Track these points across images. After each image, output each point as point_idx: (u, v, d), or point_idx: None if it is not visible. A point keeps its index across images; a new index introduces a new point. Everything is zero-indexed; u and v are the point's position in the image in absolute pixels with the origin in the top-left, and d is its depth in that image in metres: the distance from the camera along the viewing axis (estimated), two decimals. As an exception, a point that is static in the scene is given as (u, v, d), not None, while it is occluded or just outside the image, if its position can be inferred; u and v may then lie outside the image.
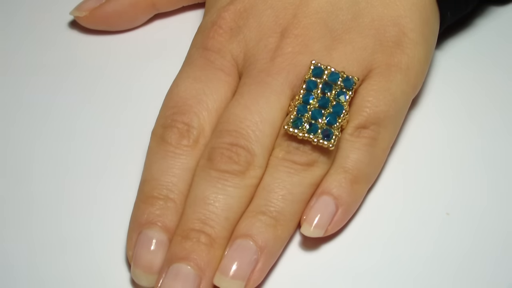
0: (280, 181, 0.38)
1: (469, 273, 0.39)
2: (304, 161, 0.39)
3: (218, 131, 0.39)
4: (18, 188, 0.41)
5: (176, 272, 0.36)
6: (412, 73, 0.41)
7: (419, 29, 0.42)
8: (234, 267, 0.37)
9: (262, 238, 0.37)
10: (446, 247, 0.39)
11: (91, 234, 0.39)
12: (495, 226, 0.40)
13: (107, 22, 0.47)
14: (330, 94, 0.40)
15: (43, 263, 0.38)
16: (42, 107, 0.44)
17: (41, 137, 0.43)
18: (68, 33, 0.47)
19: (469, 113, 0.44)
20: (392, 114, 0.41)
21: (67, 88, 0.45)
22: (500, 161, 0.43)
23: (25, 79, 0.45)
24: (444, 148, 0.43)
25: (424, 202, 0.41)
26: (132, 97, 0.45)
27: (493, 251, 0.39)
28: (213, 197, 0.38)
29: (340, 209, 0.39)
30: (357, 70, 0.41)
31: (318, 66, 0.40)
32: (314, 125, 0.39)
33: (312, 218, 0.38)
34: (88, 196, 0.41)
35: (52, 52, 0.47)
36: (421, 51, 0.42)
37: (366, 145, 0.40)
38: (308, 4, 0.42)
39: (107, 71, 0.46)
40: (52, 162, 0.42)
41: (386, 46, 0.41)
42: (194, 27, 0.44)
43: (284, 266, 0.39)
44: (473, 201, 0.41)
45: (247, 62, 0.41)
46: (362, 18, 0.42)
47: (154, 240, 0.37)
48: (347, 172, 0.39)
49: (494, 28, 0.48)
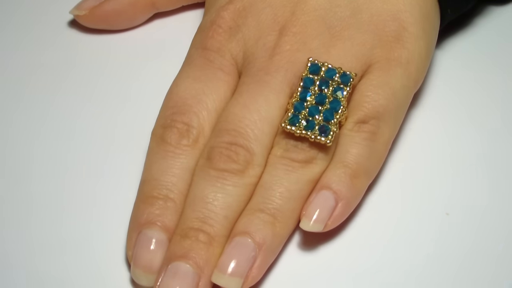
0: (278, 179, 0.38)
1: (469, 273, 0.39)
2: (302, 158, 0.39)
3: (217, 130, 0.39)
4: (18, 188, 0.41)
5: (175, 271, 0.36)
6: (412, 67, 0.41)
7: (420, 23, 0.42)
8: (232, 265, 0.37)
9: (260, 235, 0.37)
10: (446, 247, 0.39)
11: (91, 234, 0.40)
12: (495, 226, 0.40)
13: (106, 21, 0.47)
14: (327, 90, 0.40)
15: (43, 263, 0.39)
16: (41, 106, 0.44)
17: (40, 137, 0.43)
18: (67, 33, 0.48)
19: (469, 113, 0.44)
20: (392, 108, 0.40)
21: (66, 88, 0.45)
22: (500, 161, 0.42)
23: (24, 79, 0.46)
24: (444, 147, 0.43)
25: (424, 202, 0.41)
26: (132, 97, 0.45)
27: (493, 251, 0.39)
28: (212, 196, 0.38)
29: (340, 203, 0.38)
30: (355, 66, 0.40)
31: (315, 63, 0.40)
32: (311, 122, 0.39)
33: (312, 212, 0.38)
34: (88, 196, 0.41)
35: (52, 52, 0.47)
36: (422, 45, 0.42)
37: (366, 140, 0.40)
38: (306, 1, 0.42)
39: (107, 71, 0.46)
40: (51, 162, 0.42)
41: (385, 41, 0.41)
42: (194, 27, 0.44)
43: (283, 266, 0.39)
44: (473, 201, 0.41)
45: (246, 61, 0.41)
46: (360, 14, 0.41)
47: (154, 240, 0.38)
48: (347, 167, 0.39)
49: (494, 28, 0.48)
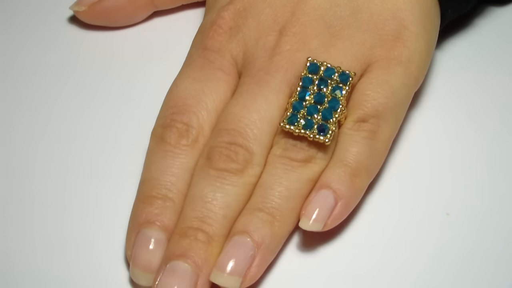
0: (277, 178, 0.38)
1: (469, 273, 0.38)
2: (301, 158, 0.39)
3: (217, 130, 0.39)
4: (20, 188, 0.41)
5: (173, 269, 0.37)
6: (413, 65, 0.41)
7: (420, 22, 0.42)
8: (231, 264, 0.37)
9: (259, 234, 0.37)
10: (446, 247, 0.39)
11: (91, 234, 0.40)
12: (495, 226, 0.40)
13: (106, 17, 0.47)
14: (326, 89, 0.40)
15: (44, 263, 0.39)
16: (42, 107, 0.44)
17: (41, 137, 0.43)
18: (67, 32, 0.48)
19: (469, 114, 0.44)
20: (392, 106, 0.40)
21: (66, 88, 0.45)
22: (500, 161, 0.42)
23: (25, 79, 0.46)
24: (444, 148, 0.43)
25: (424, 202, 0.41)
26: (132, 97, 0.45)
27: (493, 251, 0.39)
28: (211, 195, 0.38)
29: (340, 202, 0.38)
30: (355, 65, 0.41)
31: (314, 63, 0.40)
32: (310, 121, 0.39)
33: (311, 211, 0.38)
34: (88, 196, 0.41)
35: (53, 52, 0.47)
36: (422, 43, 0.42)
37: (365, 138, 0.39)
38: (306, 1, 0.42)
39: (107, 71, 0.46)
40: (53, 162, 0.42)
41: (385, 40, 0.41)
42: (195, 27, 0.44)
43: (282, 266, 0.39)
44: (473, 201, 0.41)
45: (246, 61, 0.41)
46: (360, 13, 0.41)
47: (153, 240, 0.38)
48: (347, 166, 0.39)
49: (494, 28, 0.48)
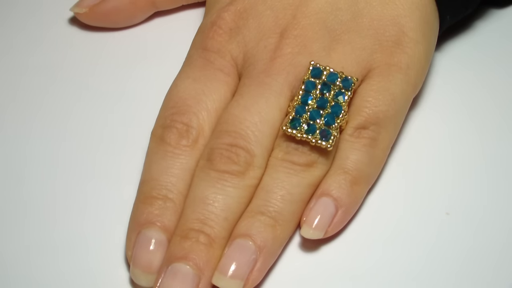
0: (279, 182, 0.38)
1: (469, 273, 0.39)
2: (303, 162, 0.39)
3: (218, 131, 0.39)
4: (16, 189, 0.41)
5: (175, 272, 0.36)
6: (412, 72, 0.41)
7: (419, 28, 0.42)
8: (233, 267, 0.37)
9: (261, 238, 0.37)
10: (446, 247, 0.39)
11: (92, 235, 0.39)
12: (495, 226, 0.40)
13: (106, 19, 0.47)
14: (328, 94, 0.40)
15: (43, 263, 0.38)
16: (39, 106, 0.44)
17: (38, 137, 0.43)
18: (67, 32, 0.48)
19: (469, 114, 0.44)
20: (392, 114, 0.40)
21: (65, 87, 0.45)
22: (500, 161, 0.42)
23: (22, 78, 0.45)
24: (444, 148, 0.43)
25: (424, 202, 0.41)
26: (133, 97, 0.45)
27: (493, 251, 0.39)
28: (212, 197, 0.38)
29: (340, 210, 0.39)
30: (356, 71, 0.41)
31: (317, 67, 0.40)
32: (312, 126, 0.39)
33: (312, 219, 0.38)
34: (87, 197, 0.41)
35: (51, 51, 0.47)
36: (422, 50, 0.42)
37: (366, 146, 0.40)
38: (307, 4, 0.42)
39: (107, 71, 0.46)
40: (50, 163, 0.42)
41: (385, 46, 0.41)
42: (195, 27, 0.44)
43: (283, 267, 0.39)
44: (473, 201, 0.41)
45: (247, 63, 0.41)
46: (361, 18, 0.42)
47: (153, 240, 0.37)
48: (347, 173, 0.39)
49: (494, 30, 0.48)
